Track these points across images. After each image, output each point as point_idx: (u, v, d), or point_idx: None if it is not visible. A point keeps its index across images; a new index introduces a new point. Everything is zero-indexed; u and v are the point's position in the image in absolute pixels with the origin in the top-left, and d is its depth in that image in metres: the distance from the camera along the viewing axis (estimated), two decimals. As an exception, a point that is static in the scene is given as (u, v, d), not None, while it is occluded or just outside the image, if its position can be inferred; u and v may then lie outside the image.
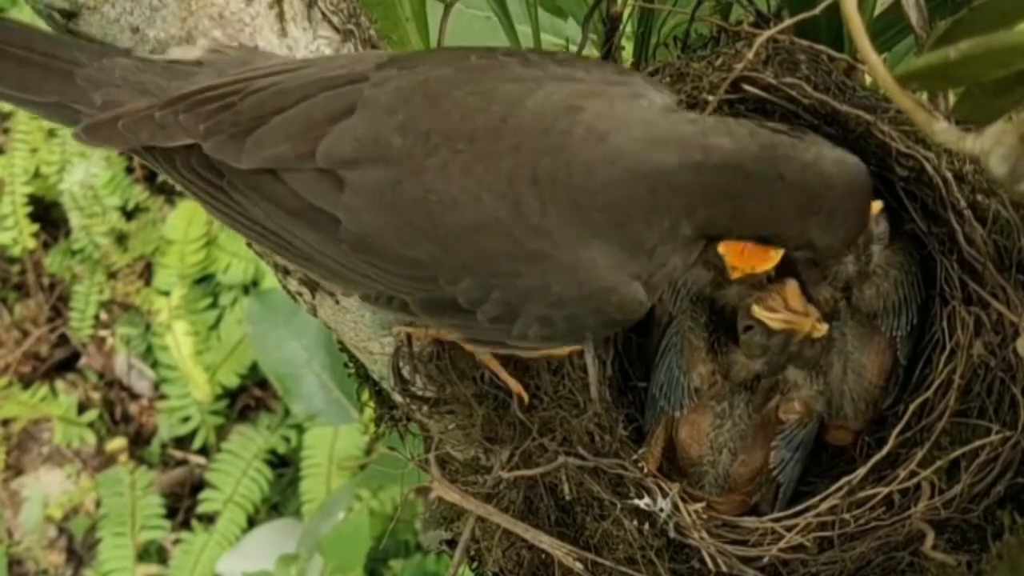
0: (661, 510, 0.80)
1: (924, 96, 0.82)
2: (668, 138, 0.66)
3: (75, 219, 2.52)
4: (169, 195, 2.64)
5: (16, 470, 2.54)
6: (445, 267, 0.66)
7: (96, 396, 2.57)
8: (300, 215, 0.67)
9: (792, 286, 0.84)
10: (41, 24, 0.74)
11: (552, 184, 0.64)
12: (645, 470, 0.82)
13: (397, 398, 0.88)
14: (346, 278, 0.70)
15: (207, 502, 2.34)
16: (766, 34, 0.82)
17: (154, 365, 2.53)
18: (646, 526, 0.81)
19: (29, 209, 2.54)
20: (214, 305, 2.48)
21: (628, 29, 0.90)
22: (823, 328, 0.83)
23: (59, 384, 2.57)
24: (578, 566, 0.81)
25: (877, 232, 0.86)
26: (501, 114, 0.66)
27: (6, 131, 2.62)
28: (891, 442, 0.83)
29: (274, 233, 0.69)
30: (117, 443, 2.52)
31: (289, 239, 0.69)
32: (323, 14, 0.79)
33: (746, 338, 0.85)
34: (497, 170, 0.65)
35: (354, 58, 0.73)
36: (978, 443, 0.79)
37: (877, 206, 0.85)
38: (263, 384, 2.50)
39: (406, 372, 0.85)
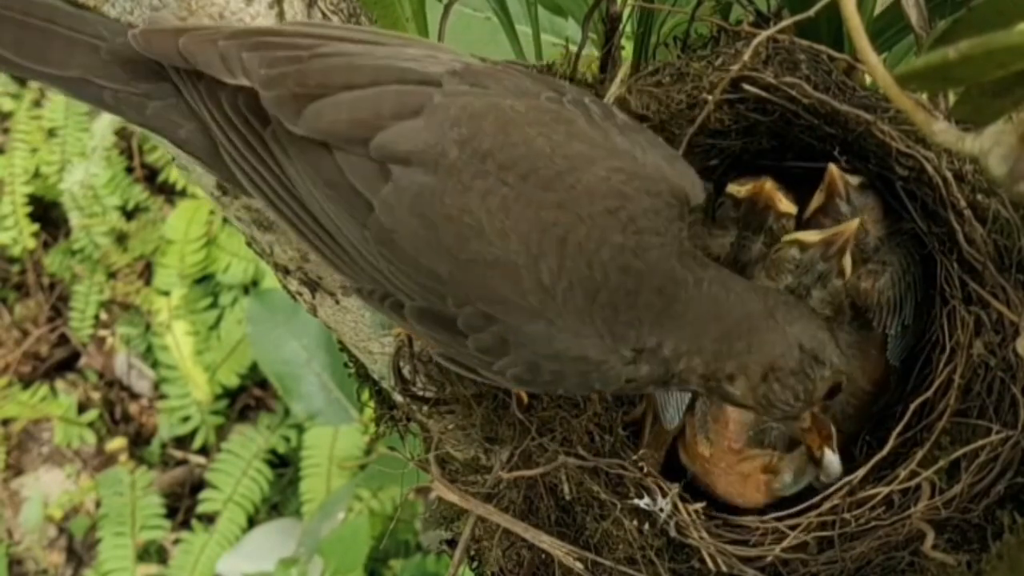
0: (661, 510, 0.80)
1: (924, 96, 0.82)
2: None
3: (75, 219, 2.53)
4: (169, 195, 2.64)
5: (16, 470, 2.54)
6: (459, 287, 0.66)
7: (96, 396, 2.57)
8: (336, 188, 0.66)
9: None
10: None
11: (578, 252, 0.65)
12: (645, 470, 0.82)
13: (397, 398, 0.88)
14: (356, 265, 0.69)
15: (207, 502, 2.34)
16: (765, 34, 0.82)
17: (154, 365, 2.53)
18: (646, 526, 0.81)
19: (29, 209, 2.54)
20: (214, 305, 2.48)
21: (628, 29, 0.90)
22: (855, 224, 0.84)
23: (59, 384, 2.57)
24: (578, 566, 0.81)
25: (860, 203, 0.87)
26: (562, 168, 0.66)
27: (6, 131, 2.62)
28: (891, 442, 0.83)
29: (298, 201, 0.68)
30: (117, 443, 2.52)
31: (313, 209, 0.68)
32: (323, 14, 0.79)
33: (779, 255, 0.86)
34: (535, 218, 0.65)
35: (427, 53, 0.71)
36: (978, 443, 0.79)
37: (854, 180, 0.86)
38: (263, 384, 2.50)
39: (406, 372, 0.85)
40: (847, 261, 0.86)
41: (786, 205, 0.88)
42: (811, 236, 0.85)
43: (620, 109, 0.83)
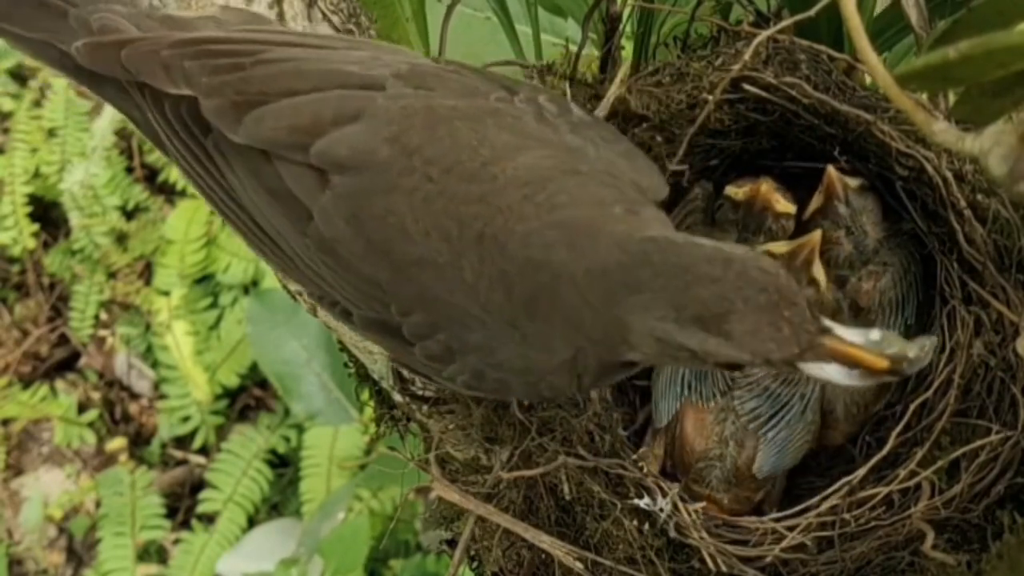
0: (661, 510, 0.80)
1: (924, 96, 0.82)
2: (604, 240, 0.60)
3: (75, 219, 2.52)
4: (169, 195, 2.64)
5: (16, 470, 2.54)
6: (400, 296, 0.64)
7: (96, 396, 2.57)
8: (276, 196, 0.65)
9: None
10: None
11: (494, 246, 0.61)
12: (645, 470, 0.82)
13: (397, 398, 0.88)
14: (301, 273, 0.68)
15: (207, 502, 2.34)
16: (765, 34, 0.82)
17: (154, 365, 2.53)
18: (646, 526, 0.81)
19: (29, 209, 2.54)
20: (214, 305, 2.48)
21: (628, 29, 0.90)
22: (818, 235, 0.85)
23: (59, 384, 2.57)
24: (578, 566, 0.81)
25: (859, 205, 0.87)
26: (485, 159, 0.63)
27: (6, 131, 2.62)
28: (891, 442, 0.83)
29: (242, 208, 0.67)
30: (117, 443, 2.52)
31: (256, 217, 0.67)
32: (323, 14, 0.79)
33: None
34: (455, 213, 0.62)
35: (372, 55, 0.69)
36: (978, 443, 0.79)
37: (854, 182, 0.87)
38: (263, 384, 2.50)
39: (406, 372, 0.86)
40: (818, 271, 0.85)
41: (783, 205, 0.88)
42: (777, 247, 0.86)
43: (619, 109, 0.84)
